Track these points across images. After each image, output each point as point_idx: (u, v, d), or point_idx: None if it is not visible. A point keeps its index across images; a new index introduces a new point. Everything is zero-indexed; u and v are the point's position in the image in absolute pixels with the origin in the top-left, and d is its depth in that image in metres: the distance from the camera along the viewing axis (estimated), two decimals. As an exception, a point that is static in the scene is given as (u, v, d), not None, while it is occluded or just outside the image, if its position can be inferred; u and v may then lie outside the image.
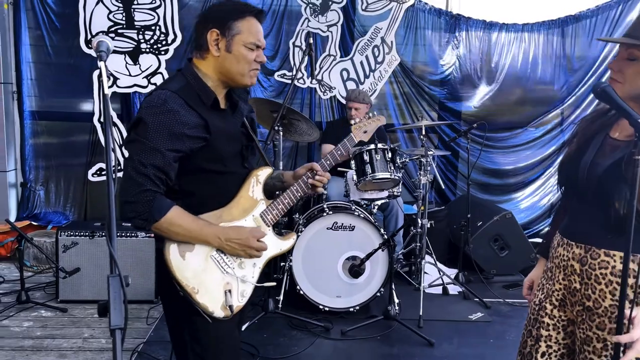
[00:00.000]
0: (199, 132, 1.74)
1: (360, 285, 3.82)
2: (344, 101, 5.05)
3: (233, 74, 1.81)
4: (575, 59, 5.46)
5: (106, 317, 1.16)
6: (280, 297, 3.82)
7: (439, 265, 4.51)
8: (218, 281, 1.81)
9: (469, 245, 4.56)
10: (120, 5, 5.05)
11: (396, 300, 3.77)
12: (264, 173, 1.96)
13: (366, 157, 3.88)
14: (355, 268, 3.74)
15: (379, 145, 3.90)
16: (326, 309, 3.80)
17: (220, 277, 1.81)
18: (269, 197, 1.97)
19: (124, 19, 5.07)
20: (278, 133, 3.80)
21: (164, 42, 5.13)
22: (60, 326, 3.63)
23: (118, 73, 5.09)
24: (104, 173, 5.12)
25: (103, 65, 1.34)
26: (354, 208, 3.94)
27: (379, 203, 4.22)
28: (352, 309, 3.81)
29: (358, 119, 2.05)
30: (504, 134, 5.58)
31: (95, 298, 3.87)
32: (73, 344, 3.40)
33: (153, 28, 5.11)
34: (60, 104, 5.29)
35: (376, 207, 4.24)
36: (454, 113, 5.51)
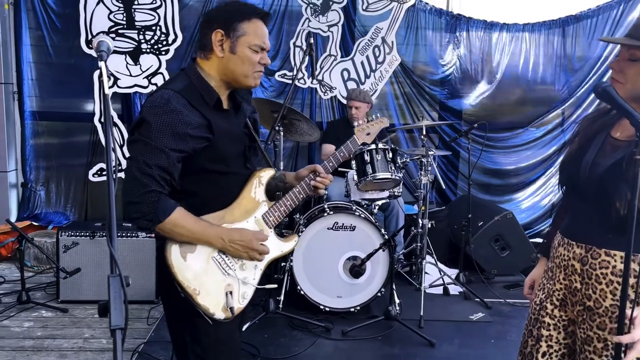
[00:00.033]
0: (202, 132, 1.73)
1: (361, 286, 3.81)
2: (345, 101, 5.05)
3: (236, 75, 1.80)
4: (576, 58, 5.46)
5: (106, 317, 1.16)
6: (281, 298, 3.82)
7: (440, 265, 4.51)
8: (219, 283, 1.80)
9: (470, 245, 4.56)
10: (121, 5, 5.05)
11: (397, 301, 3.77)
12: (266, 174, 1.95)
13: (367, 157, 3.87)
14: (356, 268, 3.74)
15: (380, 145, 3.89)
16: (327, 309, 3.80)
17: (222, 279, 1.81)
18: (270, 198, 1.97)
19: (125, 19, 5.07)
20: (279, 133, 3.80)
21: (164, 43, 5.13)
22: (60, 326, 3.63)
23: (118, 73, 5.10)
24: (104, 173, 5.12)
25: (103, 65, 1.33)
26: (354, 208, 3.94)
27: (379, 203, 4.22)
28: (353, 309, 3.81)
29: (361, 120, 2.05)
30: (505, 134, 5.58)
31: (95, 298, 3.87)
32: (74, 344, 3.40)
33: (154, 28, 5.11)
34: (61, 104, 5.29)
35: (377, 207, 4.24)
36: (454, 113, 5.50)
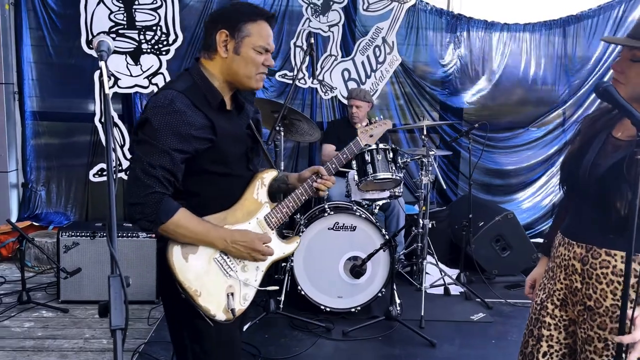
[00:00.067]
0: (205, 133, 1.72)
1: (362, 286, 3.81)
2: (345, 101, 5.05)
3: (240, 76, 1.79)
4: (576, 58, 5.45)
5: (107, 318, 1.15)
6: (282, 298, 3.82)
7: (441, 265, 4.50)
8: (220, 284, 1.79)
9: (471, 245, 4.55)
10: (122, 5, 5.05)
11: (397, 301, 3.77)
12: (269, 176, 1.95)
13: (367, 157, 3.87)
14: (357, 268, 3.74)
15: (381, 145, 3.89)
16: (327, 309, 3.80)
17: (223, 280, 1.80)
18: (272, 199, 1.96)
19: (125, 19, 5.07)
20: (279, 133, 3.80)
21: (165, 43, 5.13)
22: (61, 327, 3.63)
23: (119, 73, 5.10)
24: (105, 173, 5.12)
25: (104, 65, 1.33)
26: (355, 208, 3.93)
27: (380, 203, 4.21)
28: (354, 310, 3.81)
29: (364, 122, 2.04)
30: (506, 134, 5.57)
31: (96, 298, 3.87)
32: (74, 344, 3.39)
33: (154, 28, 5.11)
34: (62, 104, 5.28)
35: (377, 208, 4.23)
36: (455, 113, 5.50)
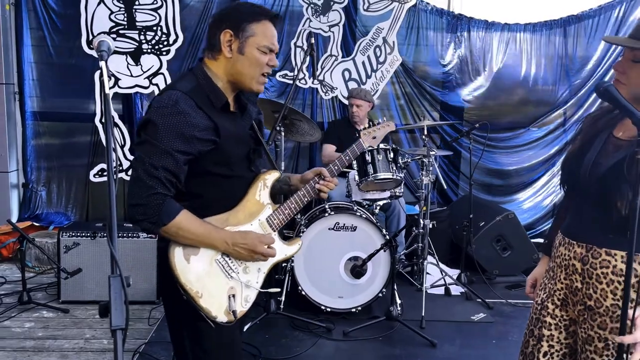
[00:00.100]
0: (208, 135, 1.71)
1: (362, 286, 3.81)
2: (346, 101, 5.04)
3: (244, 76, 1.78)
4: (577, 58, 5.45)
5: (107, 318, 1.15)
6: (282, 298, 3.82)
7: (441, 265, 4.50)
8: (222, 286, 1.79)
9: (472, 245, 4.55)
10: (122, 5, 5.05)
11: (398, 301, 3.77)
12: (271, 177, 1.94)
13: (368, 158, 3.87)
14: (357, 269, 3.74)
15: (381, 145, 3.89)
16: (328, 309, 3.79)
17: (225, 282, 1.79)
18: (273, 200, 1.95)
19: (126, 19, 5.07)
20: (280, 133, 3.80)
21: (165, 43, 5.13)
22: (61, 327, 3.63)
23: (119, 74, 5.10)
24: (105, 174, 5.13)
25: (104, 64, 1.33)
26: (355, 208, 3.93)
27: (380, 203, 4.21)
28: (354, 310, 3.80)
29: (365, 122, 2.03)
30: (506, 134, 5.57)
31: (97, 299, 3.87)
32: (75, 344, 3.39)
33: (154, 29, 5.11)
34: (62, 104, 5.28)
35: (378, 208, 4.23)
36: (456, 113, 5.50)
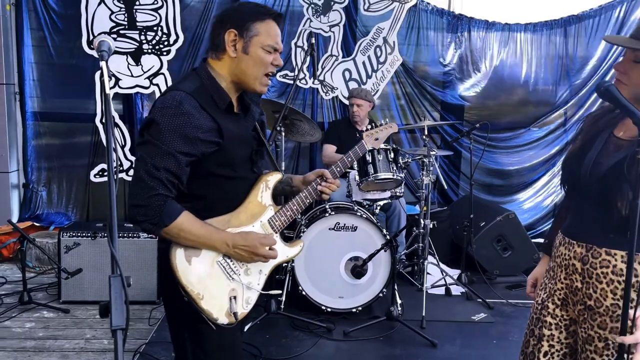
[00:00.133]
0: (212, 137, 1.70)
1: (363, 286, 3.81)
2: (346, 101, 5.04)
3: (248, 76, 1.78)
4: (577, 58, 5.45)
5: (108, 318, 1.15)
6: (283, 298, 3.82)
7: (442, 265, 4.50)
8: (223, 287, 1.78)
9: (472, 245, 4.55)
10: (122, 6, 5.05)
11: (399, 301, 3.77)
12: (273, 178, 1.94)
13: (368, 158, 3.87)
14: (358, 269, 3.74)
15: (382, 145, 3.88)
16: (328, 309, 3.79)
17: (226, 284, 1.79)
18: (275, 201, 1.94)
19: (126, 19, 5.08)
20: (280, 133, 3.80)
21: (165, 43, 5.13)
22: (62, 327, 3.63)
23: (120, 74, 5.10)
24: (106, 174, 5.12)
25: (104, 64, 1.33)
26: (356, 208, 3.93)
27: (381, 203, 4.21)
28: (355, 310, 3.80)
29: (365, 122, 2.02)
30: (507, 134, 5.57)
31: (97, 299, 3.87)
32: (75, 344, 3.40)
33: (155, 29, 5.11)
34: (63, 104, 5.29)
35: (378, 208, 4.23)
36: (456, 113, 5.50)
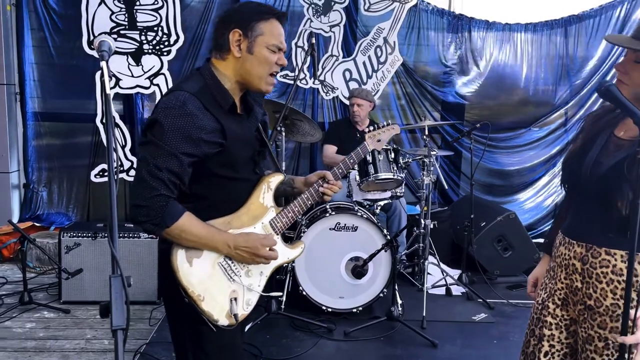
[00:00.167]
0: (215, 138, 1.70)
1: (363, 286, 3.81)
2: (347, 101, 5.04)
3: (252, 76, 1.77)
4: (578, 58, 5.44)
5: (108, 318, 1.15)
6: (283, 298, 3.82)
7: (442, 266, 4.49)
8: (224, 289, 1.78)
9: (473, 245, 4.54)
10: (123, 6, 5.05)
11: (399, 301, 3.77)
12: (275, 180, 1.93)
13: (369, 158, 3.86)
14: (358, 269, 3.73)
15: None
16: (329, 309, 3.79)
17: (227, 285, 1.79)
18: (276, 202, 1.94)
19: (127, 20, 5.08)
20: (280, 134, 3.80)
21: (166, 43, 5.13)
22: (62, 327, 3.63)
23: (120, 74, 5.10)
24: (106, 174, 5.12)
25: (105, 64, 1.33)
26: (356, 209, 3.93)
27: (381, 203, 4.21)
28: (355, 310, 3.80)
29: (366, 122, 2.03)
30: (507, 134, 5.57)
31: (98, 299, 3.87)
32: (76, 345, 3.39)
33: (155, 29, 5.11)
34: (63, 105, 5.29)
35: (379, 208, 4.23)
36: (457, 113, 5.49)
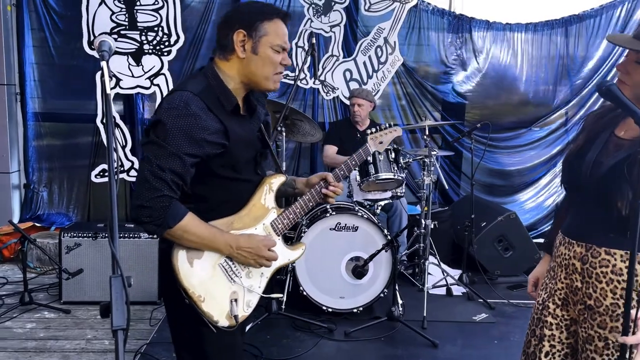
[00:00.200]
0: (218, 138, 1.69)
1: (364, 286, 3.80)
2: (347, 102, 5.04)
3: (257, 76, 1.77)
4: (578, 58, 5.44)
5: (108, 318, 1.15)
6: (284, 298, 3.82)
7: (443, 266, 4.49)
8: (224, 290, 1.78)
9: (473, 245, 4.54)
10: (123, 6, 5.05)
11: (400, 301, 3.77)
12: (277, 181, 1.93)
13: (369, 158, 3.86)
14: (359, 269, 3.73)
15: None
16: (329, 310, 3.79)
17: (227, 286, 1.78)
18: (277, 203, 1.94)
19: (127, 20, 5.08)
20: (281, 134, 3.80)
21: (166, 43, 5.13)
22: (63, 327, 3.63)
23: (121, 74, 5.10)
24: (107, 174, 5.12)
25: (105, 64, 1.33)
26: (357, 209, 3.93)
27: (382, 204, 4.21)
28: (356, 310, 3.80)
29: (366, 122, 2.02)
30: (508, 134, 5.56)
31: (98, 299, 3.87)
32: (76, 345, 3.39)
33: (156, 29, 5.11)
34: (64, 105, 5.29)
35: (379, 208, 4.23)
36: (457, 113, 5.49)
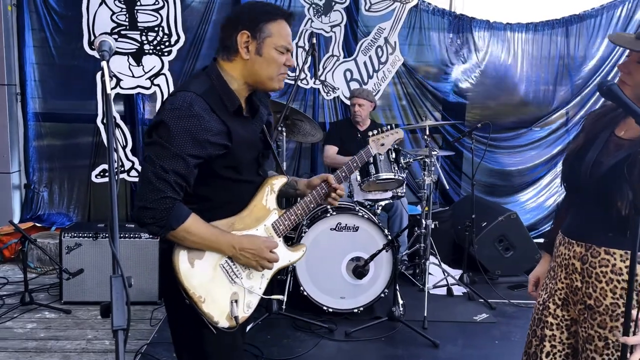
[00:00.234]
0: (221, 140, 1.69)
1: (364, 286, 3.80)
2: (348, 102, 5.04)
3: (262, 77, 1.76)
4: (579, 58, 5.43)
5: (109, 318, 1.15)
6: (284, 299, 3.82)
7: (444, 266, 4.49)
8: (225, 291, 1.78)
9: (474, 245, 4.54)
10: (124, 6, 5.05)
11: (400, 302, 3.76)
12: (279, 182, 1.93)
13: (370, 158, 3.85)
14: (359, 269, 3.73)
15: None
16: (330, 310, 3.79)
17: (228, 287, 1.78)
18: (280, 205, 1.94)
19: (127, 20, 5.07)
20: (281, 134, 3.80)
21: (167, 44, 5.13)
22: (63, 327, 3.63)
23: (121, 74, 5.10)
24: (107, 174, 5.12)
25: (105, 64, 1.33)
26: (357, 209, 3.92)
27: (382, 204, 4.21)
28: (356, 310, 3.80)
29: (367, 122, 2.02)
30: (509, 134, 5.56)
31: (99, 299, 3.86)
32: (77, 345, 3.39)
33: (156, 29, 5.11)
34: (64, 105, 5.29)
35: (380, 208, 4.23)
36: (458, 113, 5.49)
